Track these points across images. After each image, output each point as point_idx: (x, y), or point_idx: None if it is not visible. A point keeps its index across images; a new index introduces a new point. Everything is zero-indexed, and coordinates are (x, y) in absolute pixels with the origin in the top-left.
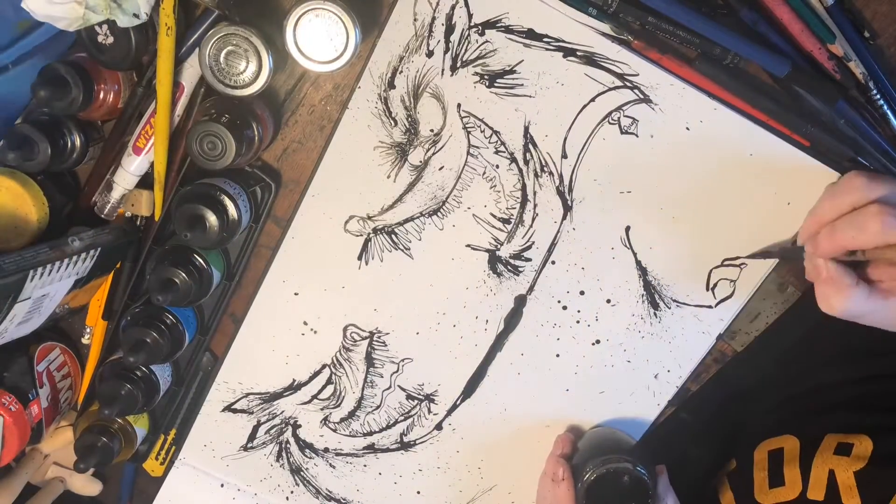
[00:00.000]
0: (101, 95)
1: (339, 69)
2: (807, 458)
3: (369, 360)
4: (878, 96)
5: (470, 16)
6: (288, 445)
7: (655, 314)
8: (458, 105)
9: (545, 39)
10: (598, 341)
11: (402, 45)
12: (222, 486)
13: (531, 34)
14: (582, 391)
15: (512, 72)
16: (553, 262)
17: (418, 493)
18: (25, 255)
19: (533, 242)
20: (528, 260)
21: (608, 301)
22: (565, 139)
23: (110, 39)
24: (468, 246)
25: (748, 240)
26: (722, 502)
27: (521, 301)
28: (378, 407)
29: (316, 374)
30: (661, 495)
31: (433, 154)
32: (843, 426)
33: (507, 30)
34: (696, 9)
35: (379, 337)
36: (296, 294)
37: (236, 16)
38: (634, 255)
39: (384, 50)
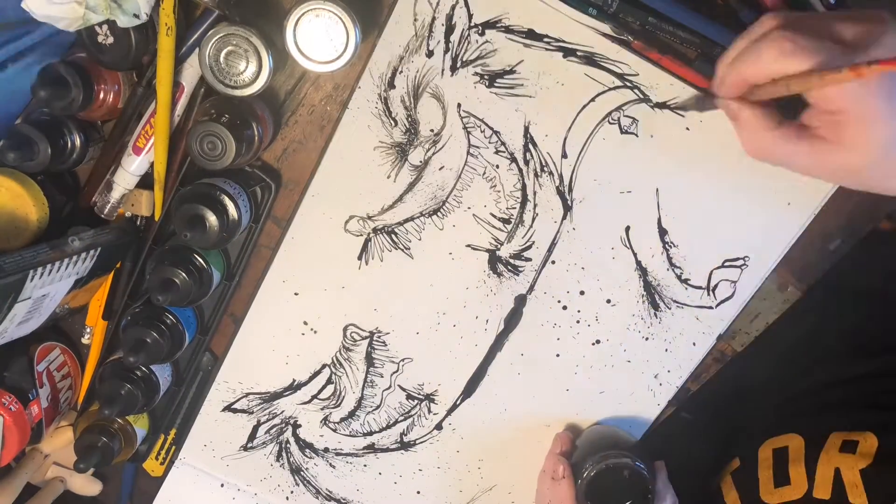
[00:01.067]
0: (101, 95)
1: (339, 69)
2: (812, 456)
3: (369, 360)
4: None
5: (470, 16)
6: (288, 445)
7: (655, 314)
8: (458, 105)
9: (545, 39)
10: (598, 341)
11: (402, 45)
12: (222, 486)
13: (531, 34)
14: (582, 391)
15: (512, 72)
16: (553, 262)
17: (418, 493)
18: (25, 255)
19: (533, 242)
20: (528, 260)
21: (608, 301)
22: (565, 139)
23: (110, 39)
24: (468, 246)
25: (748, 240)
26: (727, 502)
27: (521, 301)
28: (378, 407)
29: (316, 373)
30: (661, 491)
31: (433, 154)
32: (848, 424)
33: (507, 30)
34: (696, 9)
35: (379, 337)
36: (296, 294)
37: (236, 16)
38: (634, 255)
39: (384, 50)
